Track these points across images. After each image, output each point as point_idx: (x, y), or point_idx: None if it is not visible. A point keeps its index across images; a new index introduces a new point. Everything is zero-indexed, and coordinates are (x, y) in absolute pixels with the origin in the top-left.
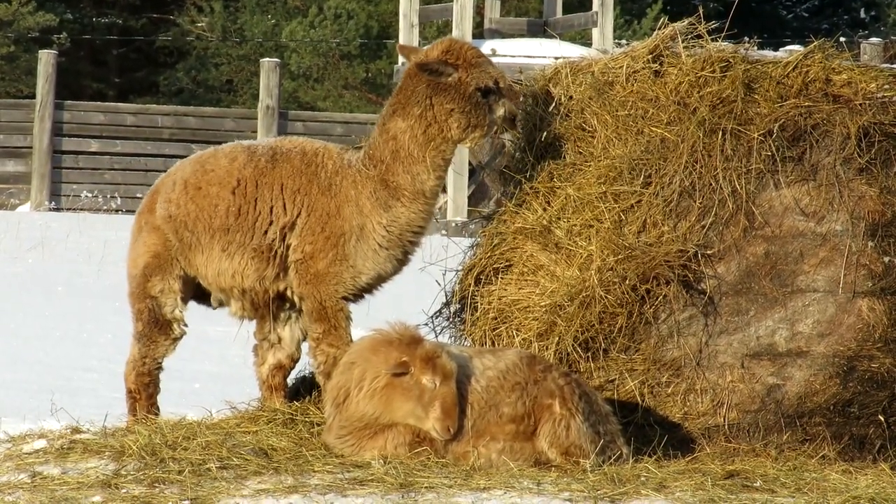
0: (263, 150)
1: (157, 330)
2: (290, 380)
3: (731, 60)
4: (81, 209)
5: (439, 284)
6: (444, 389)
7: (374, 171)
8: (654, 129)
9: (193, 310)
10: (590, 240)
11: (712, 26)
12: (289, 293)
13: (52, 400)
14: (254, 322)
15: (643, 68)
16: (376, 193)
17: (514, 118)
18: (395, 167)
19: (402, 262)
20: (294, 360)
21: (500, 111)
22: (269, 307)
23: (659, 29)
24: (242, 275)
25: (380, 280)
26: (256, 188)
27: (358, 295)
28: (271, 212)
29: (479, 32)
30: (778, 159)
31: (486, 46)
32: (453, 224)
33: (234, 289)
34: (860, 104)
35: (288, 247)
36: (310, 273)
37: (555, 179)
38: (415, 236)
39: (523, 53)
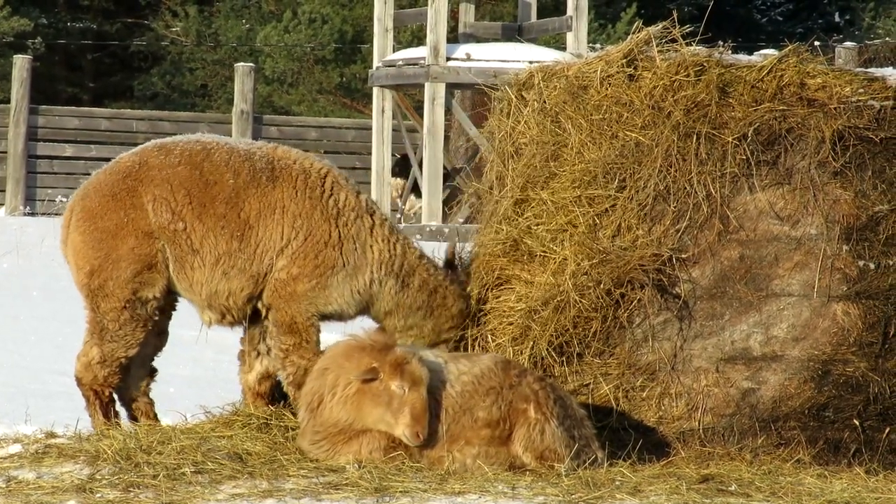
0: (262, 164)
1: (138, 327)
2: None
3: (705, 64)
4: (57, 214)
5: None
6: (414, 395)
7: (411, 255)
8: (628, 132)
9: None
10: (564, 244)
11: (687, 30)
12: (259, 305)
13: (26, 404)
14: (231, 329)
15: (618, 72)
16: (389, 257)
17: None
18: (422, 288)
19: (363, 311)
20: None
21: None
22: (245, 320)
23: (633, 33)
24: (237, 296)
25: (339, 317)
26: (259, 213)
27: (324, 318)
28: (271, 237)
29: (454, 37)
30: (752, 163)
31: (461, 51)
32: (428, 229)
33: (221, 305)
34: (835, 108)
35: (271, 266)
36: (287, 290)
37: (529, 184)
38: (372, 312)
39: (498, 58)
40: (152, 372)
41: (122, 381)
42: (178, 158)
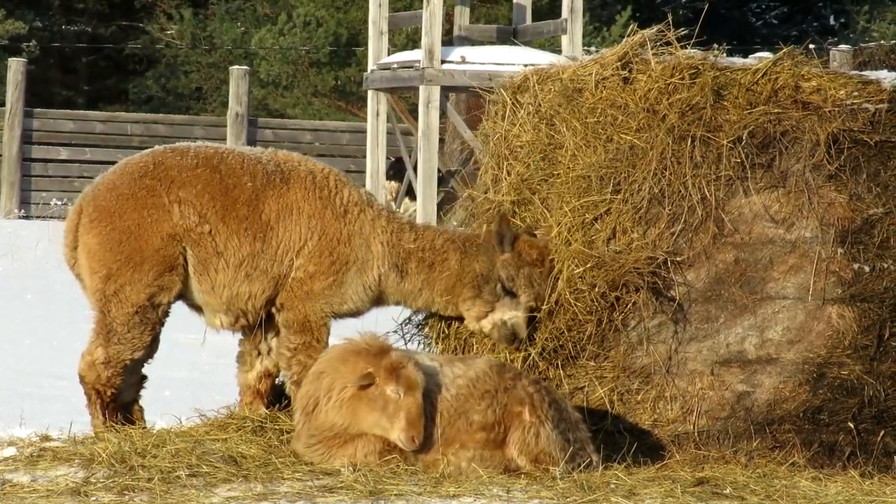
0: (272, 168)
1: (146, 331)
2: None
3: (700, 67)
4: (51, 217)
5: None
6: (409, 400)
7: (407, 241)
8: (623, 136)
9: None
10: (559, 247)
11: (681, 33)
12: (273, 309)
13: (21, 407)
14: (233, 333)
15: (612, 75)
16: (390, 249)
17: (514, 337)
18: (419, 268)
19: (375, 304)
20: (279, 368)
21: (505, 316)
22: (258, 324)
23: (628, 36)
24: (257, 298)
25: (355, 314)
26: (279, 214)
27: (337, 317)
28: (290, 238)
29: (449, 39)
30: (747, 166)
31: (456, 53)
32: None
33: (239, 309)
34: (829, 111)
35: (291, 266)
36: (303, 290)
37: (523, 188)
38: (387, 302)
39: (492, 60)
40: (142, 379)
41: (123, 384)
42: (194, 161)
